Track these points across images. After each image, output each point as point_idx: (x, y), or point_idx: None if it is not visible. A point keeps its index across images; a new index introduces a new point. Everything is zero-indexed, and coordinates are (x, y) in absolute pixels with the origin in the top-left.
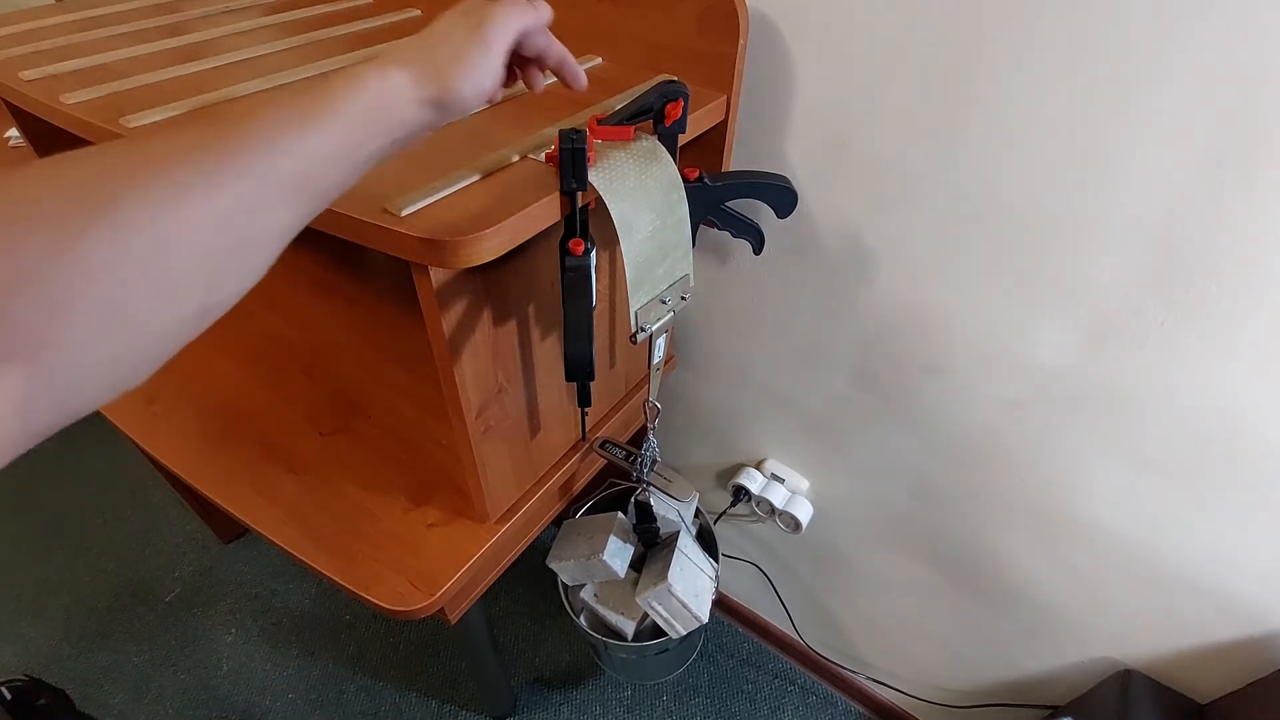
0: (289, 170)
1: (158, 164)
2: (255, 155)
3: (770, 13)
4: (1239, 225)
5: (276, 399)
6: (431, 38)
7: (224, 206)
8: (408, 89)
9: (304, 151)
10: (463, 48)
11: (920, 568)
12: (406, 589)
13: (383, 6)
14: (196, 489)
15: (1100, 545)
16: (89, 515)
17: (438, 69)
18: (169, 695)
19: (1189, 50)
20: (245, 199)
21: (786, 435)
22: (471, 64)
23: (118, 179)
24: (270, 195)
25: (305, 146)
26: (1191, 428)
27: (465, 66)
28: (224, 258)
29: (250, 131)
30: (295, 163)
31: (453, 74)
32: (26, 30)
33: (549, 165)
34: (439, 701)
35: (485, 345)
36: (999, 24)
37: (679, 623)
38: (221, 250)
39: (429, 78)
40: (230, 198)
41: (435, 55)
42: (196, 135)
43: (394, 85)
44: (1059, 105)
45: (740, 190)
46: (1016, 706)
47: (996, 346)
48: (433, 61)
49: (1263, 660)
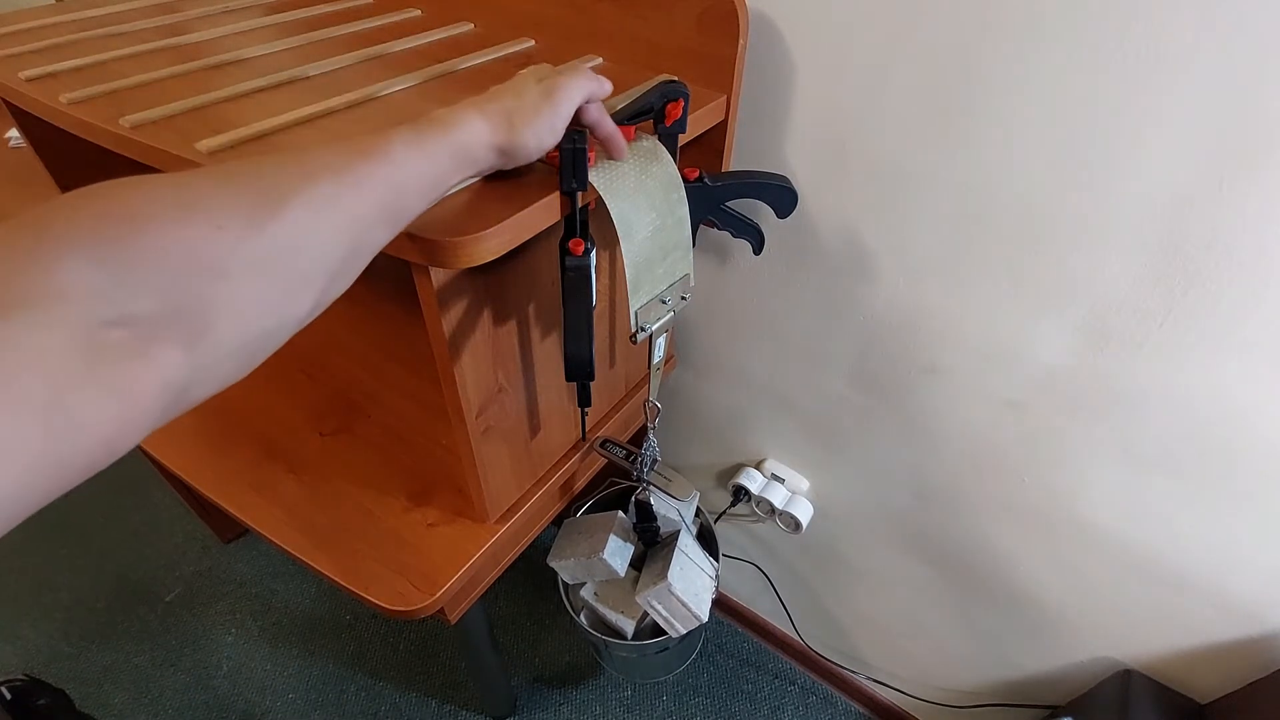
0: (399, 195)
1: (315, 175)
2: (381, 180)
3: (770, 13)
4: (1239, 225)
5: (276, 399)
6: (508, 94)
7: (356, 218)
8: (486, 134)
9: (412, 181)
10: (533, 107)
11: (920, 567)
12: (406, 589)
13: (383, 6)
14: (196, 489)
15: (1100, 545)
16: (89, 515)
17: (510, 122)
18: (169, 695)
19: (1189, 50)
20: (368, 216)
21: (786, 435)
22: (539, 122)
23: (286, 184)
24: (383, 215)
25: (413, 176)
26: (1191, 427)
27: (533, 123)
28: (341, 265)
29: (383, 154)
30: (405, 189)
31: (521, 128)
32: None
33: (549, 165)
34: (439, 701)
35: (485, 345)
36: (999, 24)
37: (679, 622)
38: (343, 257)
39: (502, 128)
40: (359, 213)
41: (509, 109)
42: (341, 157)
43: (477, 130)
44: (1059, 104)
45: (740, 190)
46: (1016, 706)
47: (996, 346)
48: (506, 114)
49: (1263, 660)
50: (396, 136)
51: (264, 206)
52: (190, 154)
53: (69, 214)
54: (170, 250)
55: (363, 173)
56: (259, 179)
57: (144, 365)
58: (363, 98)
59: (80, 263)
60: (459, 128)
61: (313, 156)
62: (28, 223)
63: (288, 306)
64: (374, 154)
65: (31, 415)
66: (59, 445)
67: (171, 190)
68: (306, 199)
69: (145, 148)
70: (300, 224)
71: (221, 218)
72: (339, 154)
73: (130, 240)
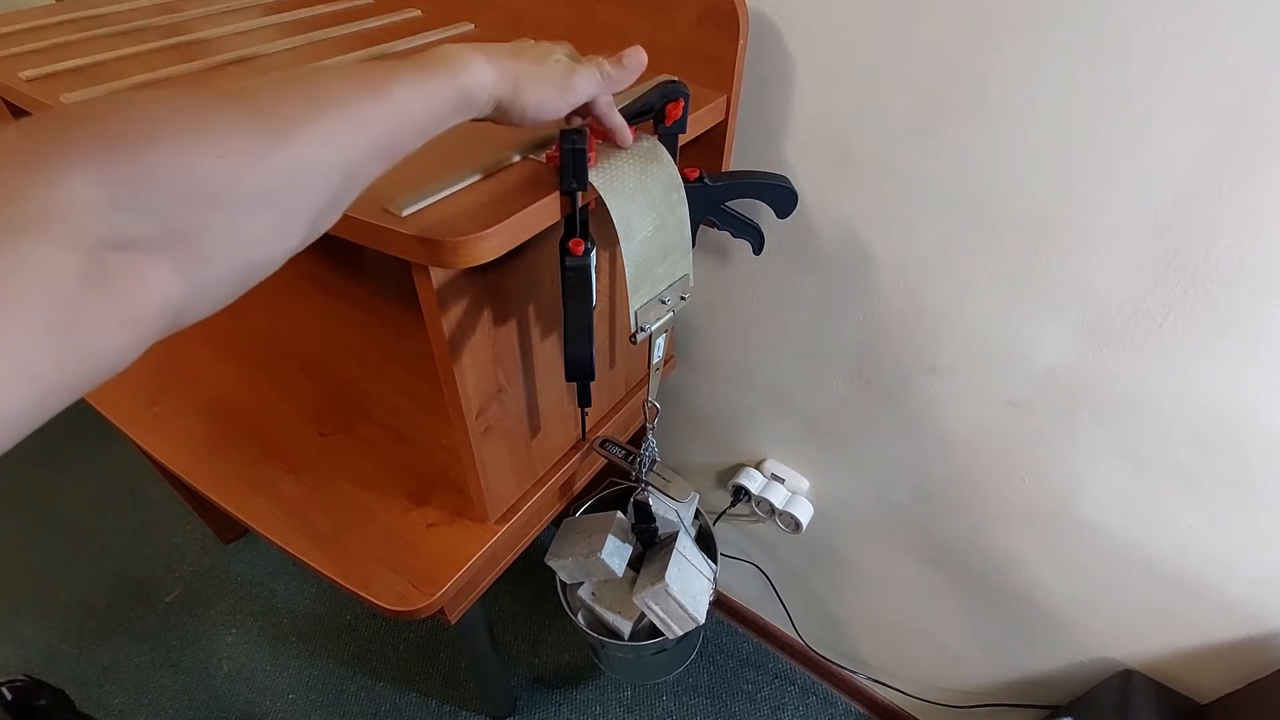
0: (396, 133)
1: (320, 107)
2: (382, 117)
3: (770, 13)
4: (1239, 225)
5: (276, 399)
6: (528, 57)
7: (354, 154)
8: (490, 84)
9: (410, 119)
10: (548, 79)
11: (920, 567)
12: (406, 589)
13: (383, 6)
14: (196, 489)
15: (1100, 545)
16: (89, 515)
17: (518, 81)
18: (169, 695)
19: (1189, 50)
20: (364, 151)
21: (786, 435)
22: (547, 93)
23: (290, 114)
24: (379, 151)
25: (412, 114)
26: (1192, 427)
27: (540, 92)
28: (333, 199)
29: (386, 91)
30: (402, 127)
31: (527, 92)
32: (26, 30)
33: (549, 165)
34: (439, 701)
35: (485, 345)
36: (999, 25)
37: (675, 623)
38: (336, 192)
39: (508, 84)
40: (356, 147)
41: (521, 70)
42: (346, 89)
43: (483, 77)
44: (1059, 105)
45: (740, 190)
46: (1016, 706)
47: (997, 346)
48: (516, 74)
49: (1263, 660)
50: (401, 74)
51: (267, 136)
52: None
53: (74, 129)
54: (172, 176)
55: (366, 109)
56: (264, 105)
57: (145, 287)
58: None
59: (83, 182)
60: (465, 71)
61: (319, 85)
62: (30, 131)
63: (281, 238)
64: (379, 90)
65: (38, 337)
66: (63, 366)
67: (177, 112)
68: (310, 132)
69: None
70: (301, 158)
71: (224, 146)
72: (345, 86)
73: (133, 162)
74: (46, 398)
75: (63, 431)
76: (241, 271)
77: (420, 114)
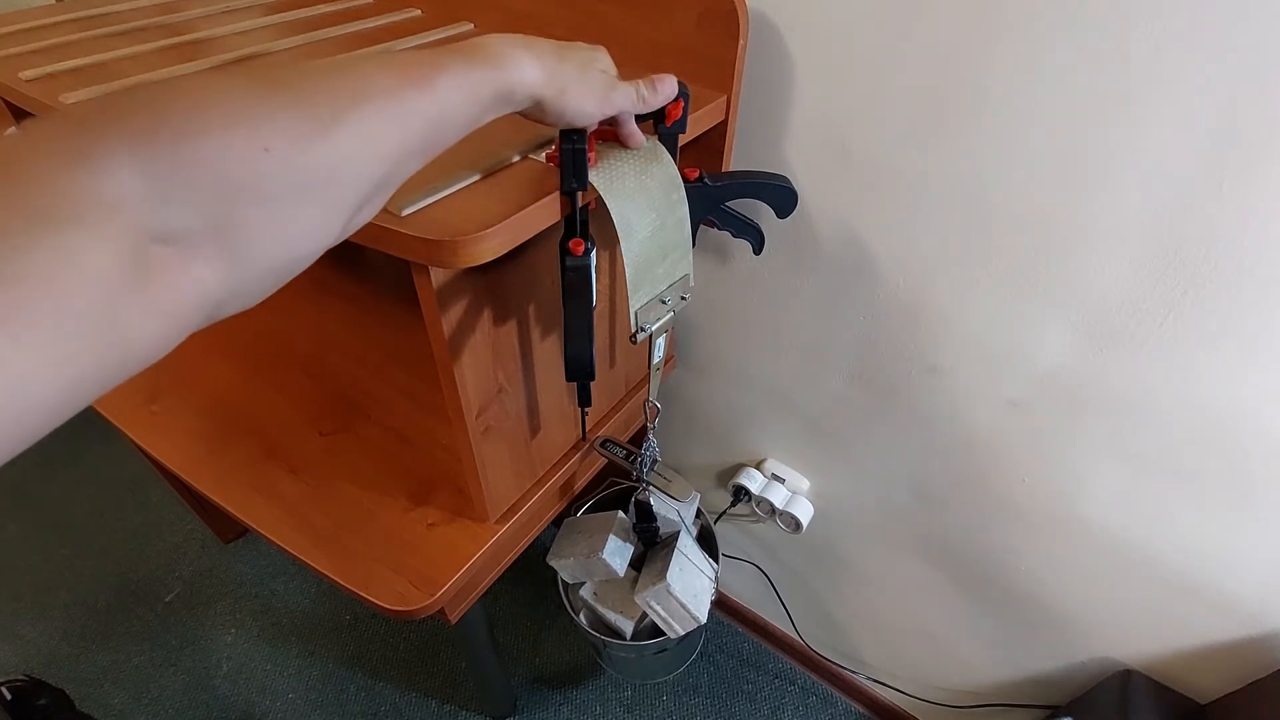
0: (437, 128)
1: (368, 97)
2: (425, 111)
3: (770, 13)
4: (1239, 225)
5: (276, 399)
6: (573, 62)
7: (397, 147)
8: (536, 84)
9: (452, 114)
10: (591, 89)
11: (920, 567)
12: (406, 589)
13: (383, 6)
14: (196, 489)
15: (1100, 545)
16: (89, 515)
17: (563, 83)
18: (169, 695)
19: (1189, 50)
20: (408, 146)
21: (786, 435)
22: (589, 103)
23: (337, 104)
24: (419, 145)
25: (454, 110)
26: (1192, 427)
27: (584, 100)
28: (373, 191)
29: (432, 84)
30: (444, 122)
31: (571, 95)
32: (26, 30)
33: (549, 165)
34: (439, 701)
35: (485, 345)
36: (999, 25)
37: (677, 623)
38: (376, 185)
39: (553, 87)
40: (403, 139)
41: (568, 73)
42: (395, 80)
43: (529, 76)
44: (1059, 105)
45: (740, 190)
46: (1016, 706)
47: (997, 346)
48: (562, 74)
49: (1263, 660)
50: (448, 67)
51: (312, 127)
52: None
53: (118, 120)
54: (216, 169)
55: (411, 102)
56: (310, 95)
57: (186, 281)
58: None
59: (129, 174)
60: (512, 68)
61: (366, 75)
62: (73, 120)
63: (322, 232)
64: (424, 84)
65: (82, 331)
66: (105, 358)
67: (222, 102)
68: (356, 124)
69: None
70: (345, 150)
71: (269, 138)
72: (392, 76)
73: (177, 154)
74: (81, 387)
75: (63, 431)
76: (282, 266)
77: (462, 110)
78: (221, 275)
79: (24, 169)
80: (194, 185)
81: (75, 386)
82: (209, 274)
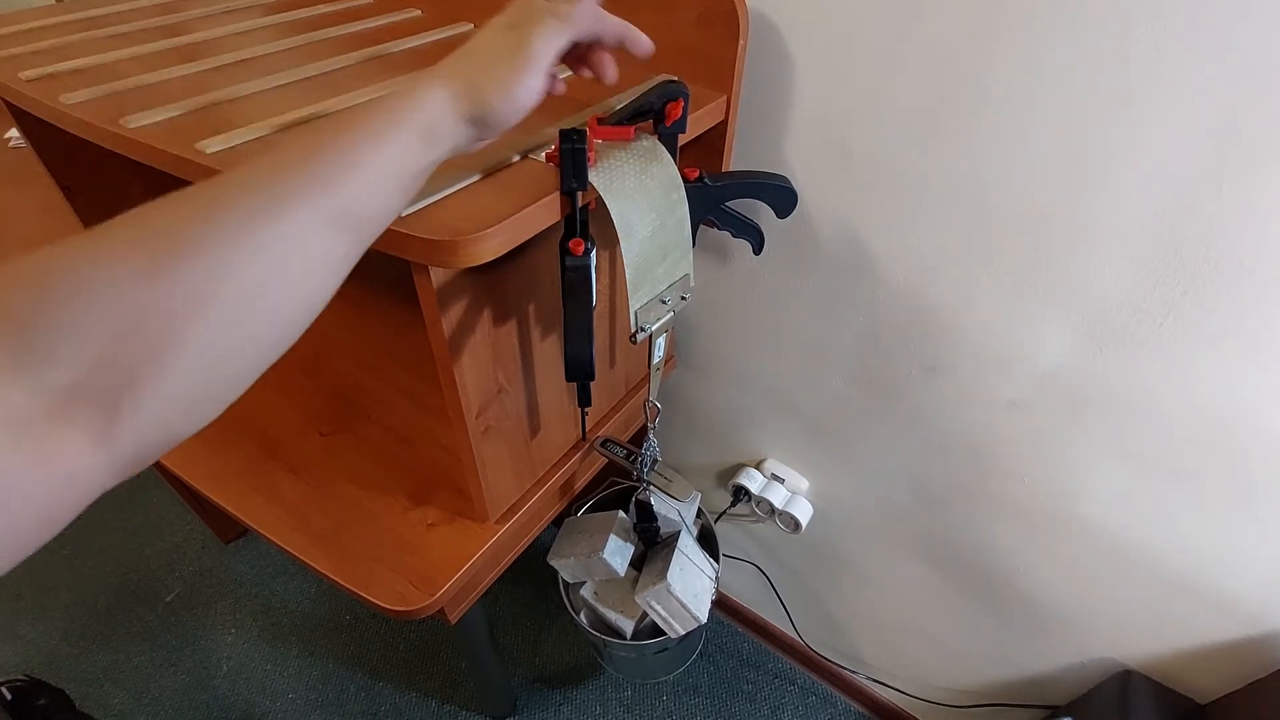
0: (342, 200)
1: (231, 203)
2: (308, 190)
3: (770, 13)
4: (1239, 225)
5: (276, 399)
6: (476, 56)
7: (287, 239)
8: (450, 107)
9: (353, 183)
10: (505, 69)
11: (920, 567)
12: (406, 589)
13: (383, 6)
14: (196, 489)
15: (1100, 545)
16: (89, 515)
17: (479, 89)
18: (169, 695)
19: (1189, 50)
20: (305, 231)
21: (786, 435)
22: (513, 84)
23: (196, 222)
24: (328, 226)
25: (356, 176)
26: (1192, 428)
27: (506, 87)
28: (287, 289)
29: (306, 166)
30: (345, 194)
31: (493, 94)
32: (26, 30)
33: (549, 165)
34: (439, 701)
35: (485, 345)
36: (999, 25)
37: (677, 622)
38: (298, 277)
39: (470, 98)
40: (293, 231)
41: (477, 75)
42: (263, 172)
43: (439, 104)
44: (1059, 105)
45: (740, 190)
46: (1016, 706)
47: (996, 346)
48: (474, 82)
49: (1263, 660)
50: (327, 140)
51: (175, 248)
52: (190, 154)
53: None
54: (83, 312)
55: (301, 184)
56: (172, 218)
57: (74, 433)
58: (363, 98)
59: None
60: (417, 107)
61: (241, 178)
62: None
63: (246, 344)
64: (297, 164)
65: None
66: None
67: (81, 247)
68: (229, 230)
69: (145, 148)
70: (224, 259)
71: (127, 269)
72: (272, 170)
73: (41, 308)
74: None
75: None
76: (203, 386)
77: (376, 171)
78: (114, 419)
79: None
80: (64, 334)
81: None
82: (99, 421)
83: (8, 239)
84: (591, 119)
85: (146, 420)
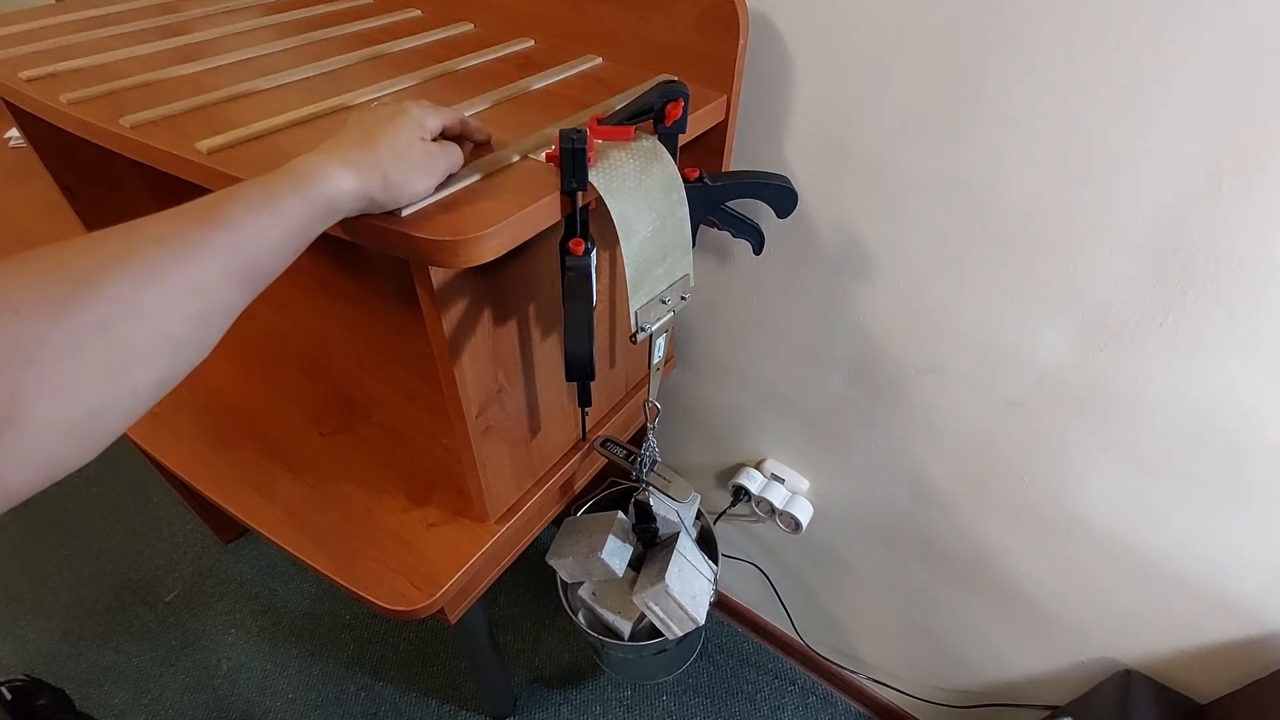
0: (245, 257)
1: (137, 248)
2: (218, 244)
3: (770, 13)
4: (1238, 225)
5: (276, 399)
6: (385, 142)
7: (189, 286)
8: (351, 186)
9: (258, 240)
10: (416, 165)
11: (920, 567)
12: (406, 589)
13: (383, 6)
14: (196, 489)
15: (1100, 545)
16: (89, 515)
17: (384, 176)
18: (169, 695)
19: (1188, 50)
20: (207, 281)
21: (786, 435)
22: (415, 181)
23: (101, 261)
24: (228, 278)
25: (260, 236)
26: (1191, 428)
27: (410, 181)
28: (189, 331)
29: (222, 218)
30: (250, 250)
31: (396, 183)
32: (26, 30)
33: (549, 165)
34: (439, 701)
35: (485, 345)
36: (999, 25)
37: (675, 624)
38: (187, 324)
39: (374, 181)
40: (195, 279)
41: (384, 161)
42: (171, 225)
43: (339, 183)
44: (1059, 106)
45: (740, 190)
46: (1016, 706)
47: (996, 346)
48: (379, 165)
49: (1263, 660)
50: (240, 198)
51: (73, 287)
52: (190, 154)
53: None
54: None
55: (195, 240)
56: (68, 261)
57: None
58: (362, 98)
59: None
60: (316, 183)
61: (138, 230)
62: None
63: (117, 382)
64: (211, 219)
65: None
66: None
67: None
68: (127, 273)
69: (145, 148)
70: (118, 300)
71: (19, 303)
72: (170, 223)
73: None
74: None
75: None
76: (80, 422)
77: (269, 233)
78: (8, 444)
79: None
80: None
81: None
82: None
83: (8, 239)
84: (592, 119)
85: (30, 441)
